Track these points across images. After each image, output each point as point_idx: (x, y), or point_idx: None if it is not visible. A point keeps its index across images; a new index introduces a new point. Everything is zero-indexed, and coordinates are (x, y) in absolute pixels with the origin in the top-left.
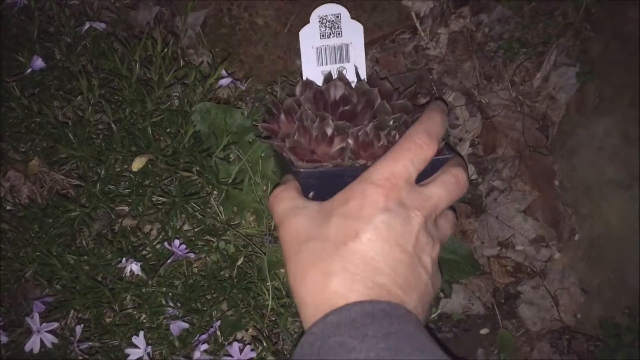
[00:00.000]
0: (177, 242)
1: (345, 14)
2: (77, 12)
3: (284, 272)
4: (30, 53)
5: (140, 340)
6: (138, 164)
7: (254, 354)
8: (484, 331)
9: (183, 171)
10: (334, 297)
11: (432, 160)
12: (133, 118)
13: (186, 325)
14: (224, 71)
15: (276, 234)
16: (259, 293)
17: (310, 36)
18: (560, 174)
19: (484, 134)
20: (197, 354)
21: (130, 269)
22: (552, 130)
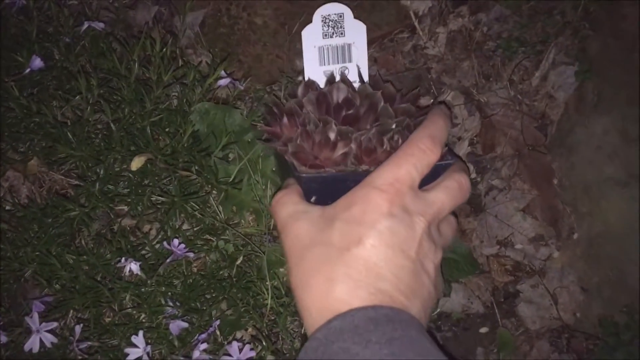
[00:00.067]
0: (176, 242)
1: (349, 13)
2: (76, 12)
3: (284, 272)
4: (29, 53)
5: (139, 339)
6: (137, 164)
7: (253, 353)
8: (484, 330)
9: (182, 171)
10: (338, 304)
11: (435, 166)
12: (132, 118)
13: (185, 325)
14: (222, 71)
15: (275, 233)
16: (258, 292)
17: (313, 36)
18: (559, 173)
19: (482, 132)
20: (197, 354)
21: (130, 268)
22: (551, 128)
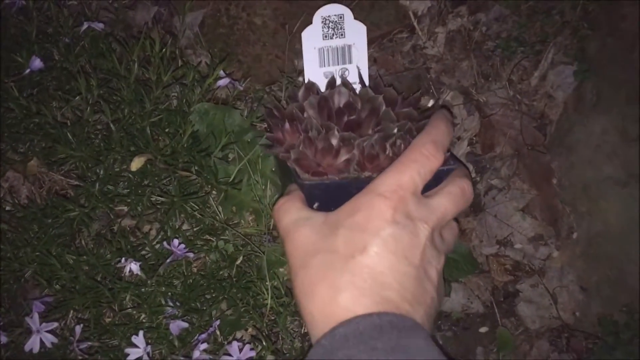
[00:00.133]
0: (176, 242)
1: (349, 14)
2: (76, 13)
3: (284, 272)
4: (28, 53)
5: (139, 339)
6: (137, 164)
7: (253, 353)
8: (483, 329)
9: (182, 171)
10: (342, 312)
11: (437, 171)
12: (132, 118)
13: (185, 325)
14: (222, 71)
15: (275, 233)
16: (258, 292)
17: (313, 37)
18: (558, 172)
19: (482, 132)
20: (197, 354)
21: (130, 268)
22: (550, 128)
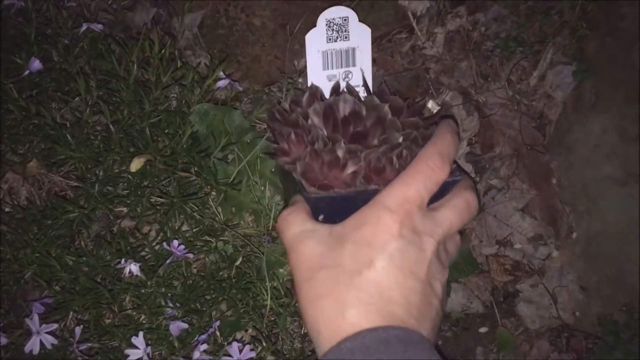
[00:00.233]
0: (176, 243)
1: (353, 16)
2: (75, 14)
3: (283, 272)
4: (28, 55)
5: (139, 340)
6: (136, 165)
7: (253, 354)
8: (483, 330)
9: (181, 172)
10: (349, 327)
11: (443, 183)
12: (131, 119)
13: (185, 326)
14: (221, 72)
15: (275, 233)
16: (257, 293)
17: (317, 40)
18: (557, 172)
19: (481, 132)
20: (197, 354)
21: (129, 269)
22: (549, 128)
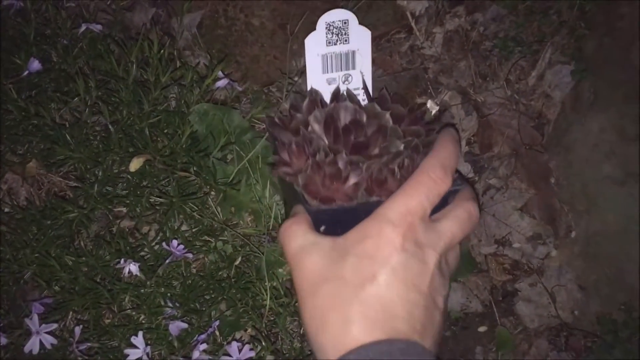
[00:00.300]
0: (175, 243)
1: (354, 19)
2: (74, 14)
3: (283, 272)
4: (27, 55)
5: (139, 340)
6: (136, 165)
7: (252, 354)
8: (482, 329)
9: (181, 171)
10: (354, 343)
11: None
12: (130, 119)
13: (185, 326)
14: (220, 72)
15: (274, 233)
16: (257, 293)
17: (316, 43)
18: (556, 172)
19: (480, 132)
20: (196, 354)
21: (129, 269)
22: (548, 128)
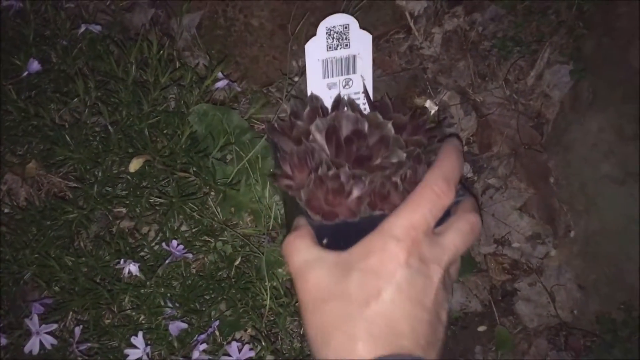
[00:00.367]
0: (175, 243)
1: (354, 24)
2: (73, 15)
3: (282, 272)
4: (26, 56)
5: (139, 340)
6: (135, 165)
7: (252, 354)
8: (482, 328)
9: (180, 172)
10: None
11: None
12: (130, 120)
13: (185, 326)
14: (220, 73)
15: (274, 233)
16: (257, 293)
17: (317, 49)
18: (555, 171)
19: (479, 132)
20: (196, 354)
21: (129, 270)
22: (547, 127)
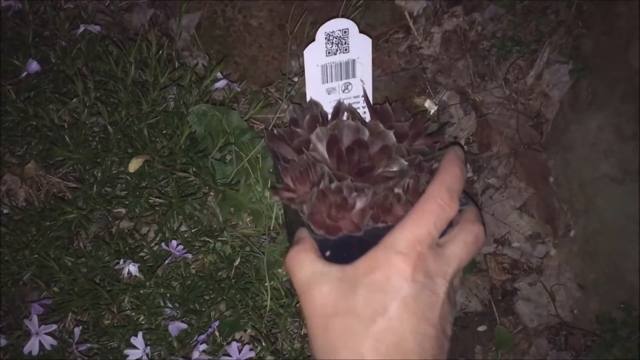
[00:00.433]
0: (175, 243)
1: (354, 28)
2: (72, 16)
3: (282, 273)
4: (25, 56)
5: (139, 341)
6: (135, 165)
7: (252, 354)
8: (482, 328)
9: (180, 172)
10: None
11: None
12: (129, 120)
13: (185, 326)
14: (219, 73)
15: (274, 233)
16: (257, 293)
17: (316, 54)
18: (555, 171)
19: (478, 132)
20: (196, 354)
21: (128, 270)
22: (546, 127)
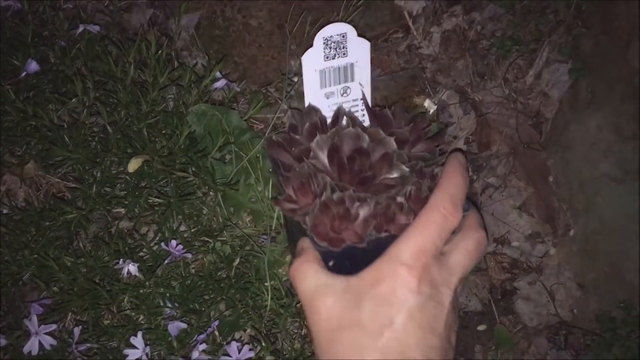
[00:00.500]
0: (174, 243)
1: (352, 32)
2: (71, 16)
3: (282, 272)
4: (24, 56)
5: (138, 340)
6: (134, 165)
7: (252, 354)
8: (482, 327)
9: (179, 172)
10: None
11: None
12: (128, 120)
13: (184, 326)
14: (218, 73)
15: (274, 233)
16: (257, 293)
17: (314, 59)
18: (554, 170)
19: (478, 131)
20: (196, 354)
21: (128, 270)
22: (546, 126)
